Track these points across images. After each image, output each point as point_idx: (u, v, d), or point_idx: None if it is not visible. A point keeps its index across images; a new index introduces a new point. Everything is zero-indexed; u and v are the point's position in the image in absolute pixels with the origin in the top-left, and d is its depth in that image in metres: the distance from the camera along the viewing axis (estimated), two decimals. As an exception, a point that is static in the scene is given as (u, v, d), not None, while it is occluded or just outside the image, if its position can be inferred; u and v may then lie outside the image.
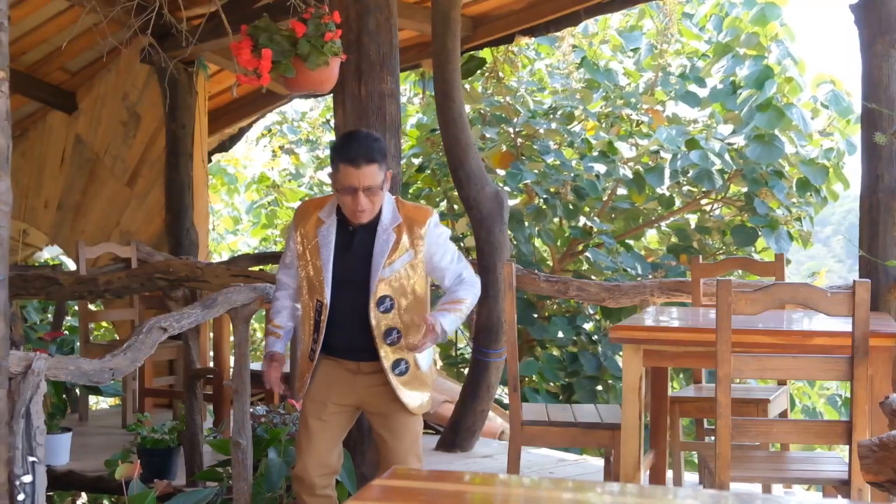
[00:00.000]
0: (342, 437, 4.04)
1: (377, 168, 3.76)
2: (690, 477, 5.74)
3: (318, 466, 3.93)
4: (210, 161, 10.04)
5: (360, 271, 3.83)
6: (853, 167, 9.74)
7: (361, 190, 3.74)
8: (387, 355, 3.83)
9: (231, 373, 5.82)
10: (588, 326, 9.69)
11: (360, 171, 3.73)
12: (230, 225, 15.30)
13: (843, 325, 3.82)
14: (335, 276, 3.85)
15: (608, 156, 9.83)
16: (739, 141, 9.78)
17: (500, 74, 10.18)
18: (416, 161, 10.60)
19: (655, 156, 10.00)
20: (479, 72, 9.72)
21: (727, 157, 9.62)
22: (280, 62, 4.41)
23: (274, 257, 8.05)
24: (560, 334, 9.32)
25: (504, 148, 10.03)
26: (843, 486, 3.73)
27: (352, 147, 3.80)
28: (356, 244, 3.87)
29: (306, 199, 12.58)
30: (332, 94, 5.14)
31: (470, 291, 3.91)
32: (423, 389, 3.92)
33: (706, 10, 11.09)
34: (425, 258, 3.87)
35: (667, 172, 9.72)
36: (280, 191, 14.06)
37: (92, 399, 8.58)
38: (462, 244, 9.87)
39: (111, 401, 8.75)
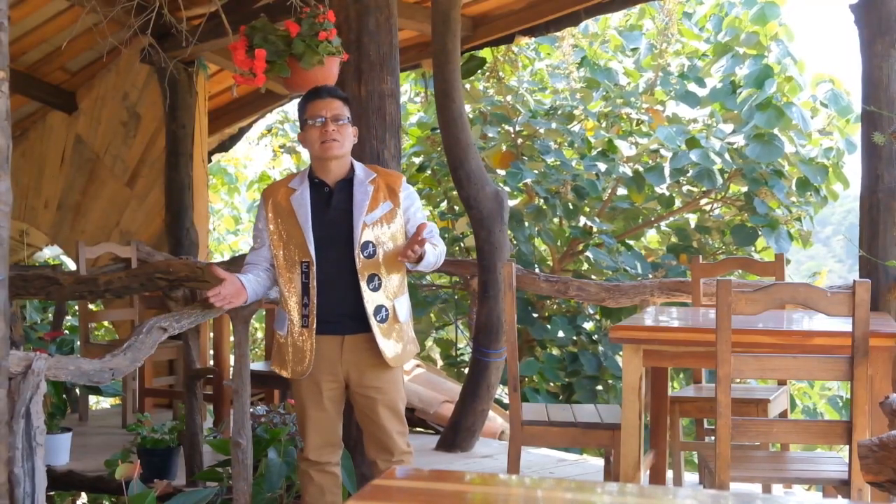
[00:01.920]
0: (341, 412, 4.13)
1: (342, 104, 4.04)
2: (690, 477, 5.74)
3: (323, 446, 4.07)
4: (210, 161, 10.04)
5: (341, 225, 3.97)
6: (853, 167, 9.75)
7: (329, 119, 3.96)
8: (370, 300, 3.94)
9: (231, 373, 5.82)
10: (588, 326, 9.69)
11: (325, 101, 4.00)
12: (231, 225, 15.31)
13: (843, 325, 3.82)
14: (317, 235, 3.96)
15: (608, 154, 9.84)
16: (739, 140, 9.78)
17: (501, 74, 10.19)
18: (417, 160, 10.61)
19: (655, 155, 10.00)
20: (479, 71, 9.72)
21: (727, 156, 9.63)
22: (275, 62, 4.41)
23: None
24: (560, 334, 9.32)
25: (504, 148, 10.03)
26: (843, 487, 3.73)
27: (318, 88, 4.12)
28: (335, 201, 4.01)
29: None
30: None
31: (440, 244, 4.07)
32: (400, 341, 4.03)
33: (706, 10, 11.09)
34: (403, 210, 4.04)
35: (667, 171, 9.73)
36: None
37: (92, 399, 8.59)
38: (462, 244, 9.88)
39: (111, 401, 8.75)
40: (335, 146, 3.97)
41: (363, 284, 3.93)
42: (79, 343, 7.28)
